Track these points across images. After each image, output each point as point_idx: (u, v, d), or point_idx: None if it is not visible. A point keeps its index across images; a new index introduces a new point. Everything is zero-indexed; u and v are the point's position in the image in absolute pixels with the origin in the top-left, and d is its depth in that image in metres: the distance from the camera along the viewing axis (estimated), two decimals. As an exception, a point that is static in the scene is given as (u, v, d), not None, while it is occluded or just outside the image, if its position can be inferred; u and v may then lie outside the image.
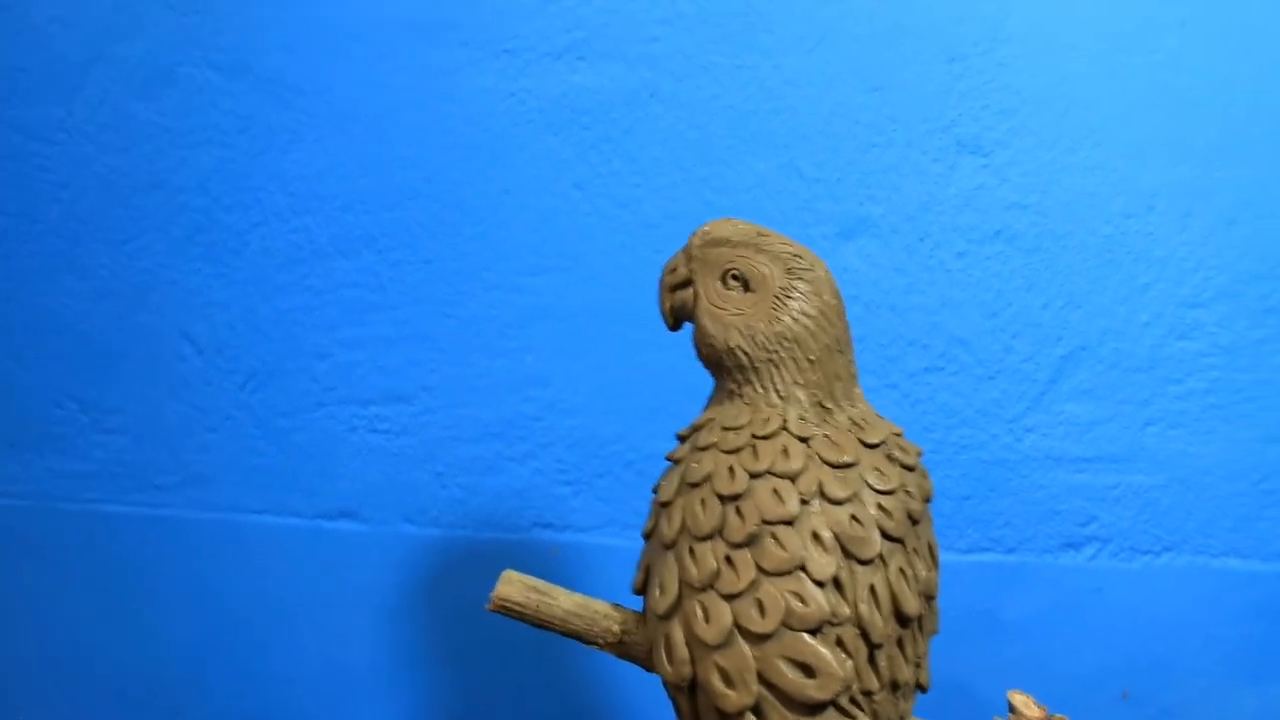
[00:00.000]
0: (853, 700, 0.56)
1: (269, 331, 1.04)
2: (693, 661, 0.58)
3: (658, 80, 1.01)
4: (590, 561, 1.04)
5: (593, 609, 0.62)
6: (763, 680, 0.55)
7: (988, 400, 1.01)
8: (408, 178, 1.03)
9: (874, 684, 0.57)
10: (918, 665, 0.60)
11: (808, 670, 0.55)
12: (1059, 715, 0.67)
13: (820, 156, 1.01)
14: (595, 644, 0.62)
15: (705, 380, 0.81)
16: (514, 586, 0.63)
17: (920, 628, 0.60)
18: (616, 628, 0.61)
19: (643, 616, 0.62)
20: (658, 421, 1.04)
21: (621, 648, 0.62)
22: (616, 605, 0.63)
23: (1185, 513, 1.01)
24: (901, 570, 0.59)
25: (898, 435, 0.63)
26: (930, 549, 0.62)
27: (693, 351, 0.73)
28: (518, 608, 0.63)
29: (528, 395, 1.05)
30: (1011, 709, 0.63)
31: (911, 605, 0.58)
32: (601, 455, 1.04)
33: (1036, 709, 0.63)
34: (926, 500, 0.62)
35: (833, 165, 1.01)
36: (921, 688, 0.61)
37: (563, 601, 0.62)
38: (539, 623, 0.63)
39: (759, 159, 1.01)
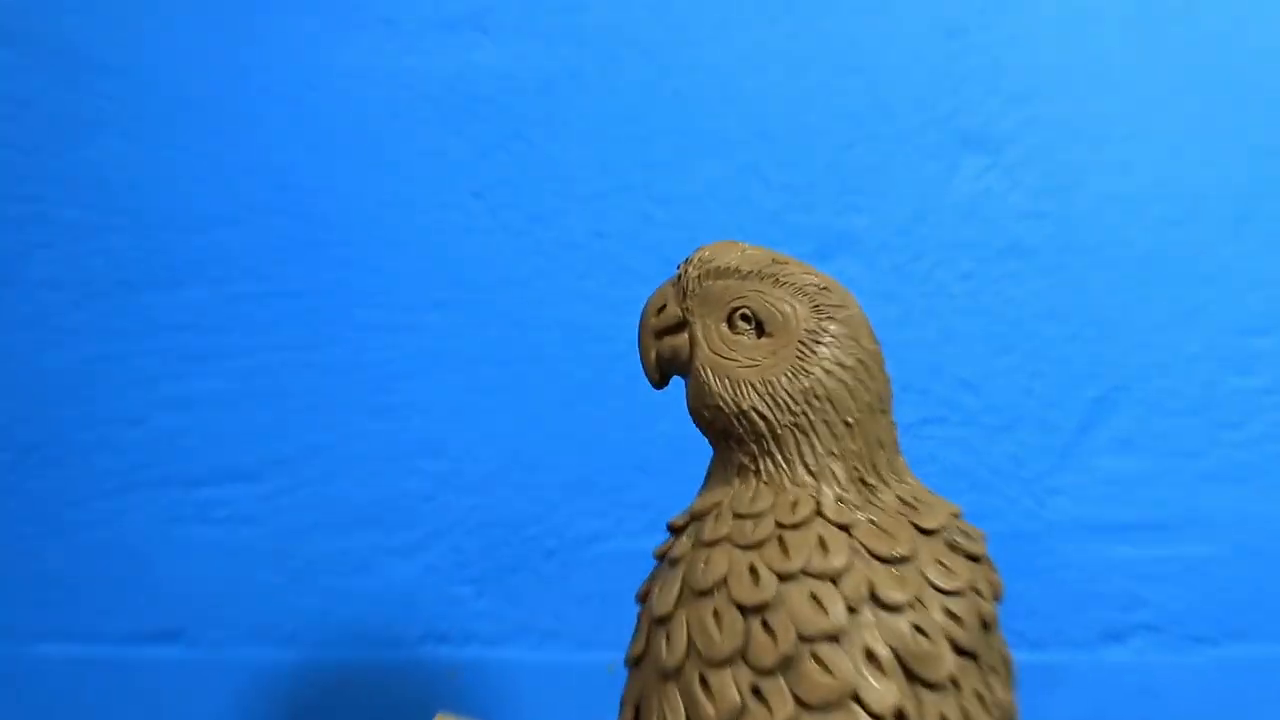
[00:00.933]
0: None
1: (53, 391, 0.88)
2: None
3: (581, 60, 0.90)
4: (501, 685, 0.89)
5: None
6: None
7: (1003, 457, 0.90)
8: (252, 184, 0.89)
9: None
10: None
11: None
12: None
13: (788, 156, 0.91)
14: None
15: (655, 447, 0.81)
16: None
17: None
18: None
19: None
20: (588, 498, 0.90)
21: None
22: None
23: (1254, 589, 0.91)
24: (978, 694, 0.50)
25: (957, 516, 0.54)
26: (1005, 663, 0.53)
27: (639, 407, 0.71)
28: None
29: (415, 467, 0.90)
30: None
31: None
32: (514, 543, 0.90)
33: None
34: (997, 599, 0.54)
35: (803, 167, 0.90)
36: None
37: None
38: None
39: (710, 160, 0.90)
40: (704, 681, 0.49)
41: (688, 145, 0.90)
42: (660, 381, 0.57)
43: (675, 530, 0.54)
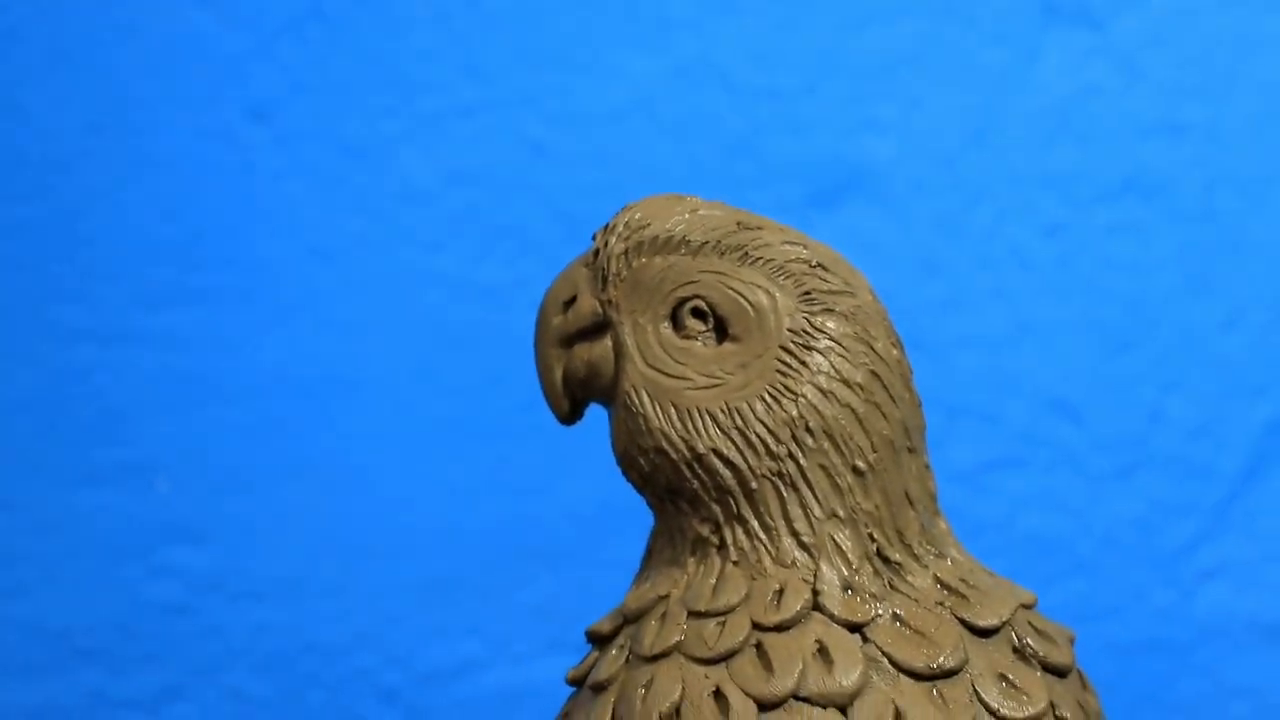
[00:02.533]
0: None
1: None
2: None
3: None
4: None
5: None
6: None
7: (1122, 522, 0.78)
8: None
9: None
10: None
11: None
12: None
13: (764, 42, 0.83)
14: None
15: (558, 517, 0.76)
16: None
17: None
18: None
19: None
20: (450, 603, 0.77)
21: None
22: None
23: None
24: None
25: (1030, 608, 0.49)
26: None
27: (532, 455, 0.72)
28: None
29: (162, 563, 0.77)
30: None
31: None
32: (329, 683, 0.76)
33: None
34: None
35: (791, 60, 0.83)
36: None
37: None
38: None
39: (645, 55, 0.83)
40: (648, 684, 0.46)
41: (609, 32, 0.83)
42: (569, 413, 0.53)
43: (600, 640, 0.50)
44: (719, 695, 0.45)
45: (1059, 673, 0.48)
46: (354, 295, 0.79)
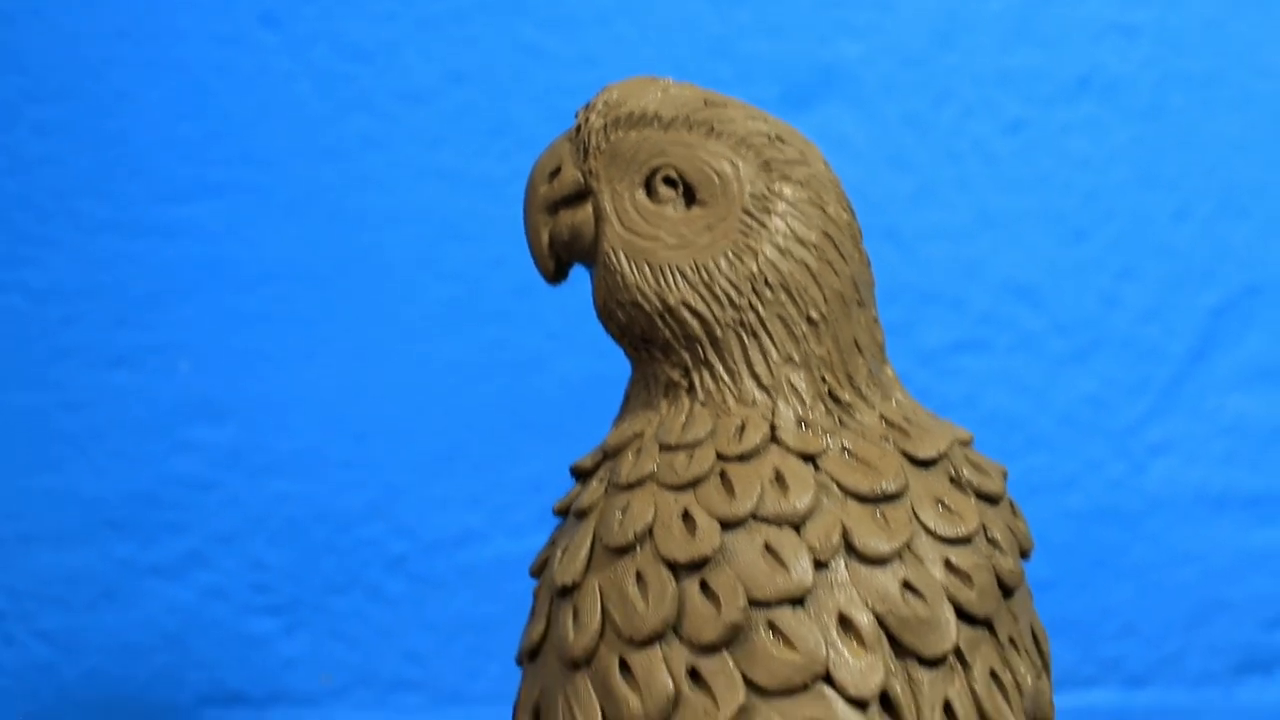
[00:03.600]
0: None
1: None
2: None
3: None
4: None
5: None
6: None
7: (1078, 400, 0.82)
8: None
9: None
10: None
11: None
12: None
13: None
14: None
15: (553, 396, 0.79)
16: None
17: None
18: None
19: None
20: (452, 478, 0.80)
21: None
22: None
23: None
24: (994, 675, 0.48)
25: (966, 444, 0.53)
26: (1036, 638, 0.52)
27: (527, 337, 0.74)
28: None
29: (185, 439, 0.79)
30: None
31: None
32: (340, 551, 0.79)
33: None
34: (1024, 555, 0.53)
35: None
36: None
37: None
38: None
39: None
40: (625, 667, 0.48)
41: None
42: (555, 274, 0.57)
43: (582, 474, 0.53)
44: (687, 516, 0.49)
45: (991, 499, 0.52)
46: (359, 188, 0.81)
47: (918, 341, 0.83)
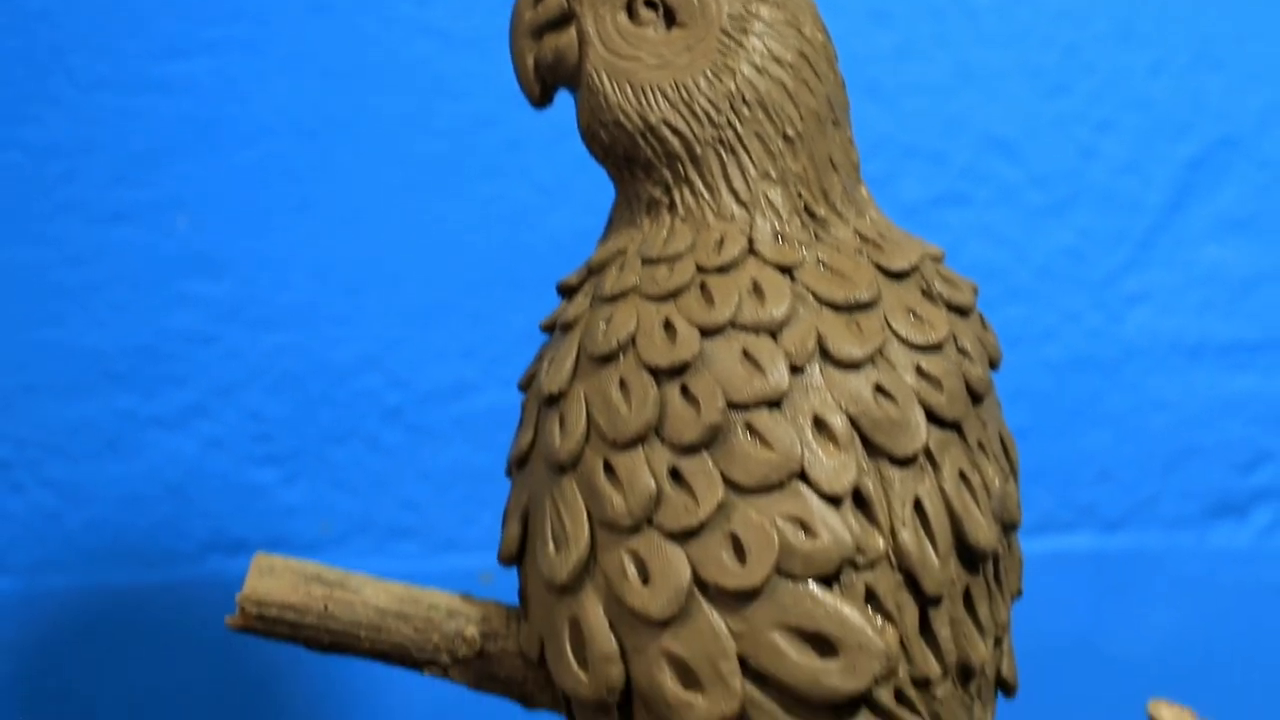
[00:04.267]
0: (899, 695, 0.48)
1: None
2: (624, 655, 0.49)
3: None
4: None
5: (426, 603, 0.54)
6: (749, 669, 0.47)
7: (1056, 251, 0.82)
8: None
9: (932, 666, 0.49)
10: (997, 642, 0.52)
11: (823, 645, 0.47)
12: None
13: None
14: (436, 665, 0.54)
15: (550, 241, 0.78)
16: (278, 579, 0.53)
17: (998, 577, 0.52)
18: (472, 630, 0.53)
19: (516, 609, 0.54)
20: (447, 328, 0.80)
21: (482, 665, 0.53)
22: (466, 596, 0.55)
23: None
24: (963, 475, 0.50)
25: (937, 260, 0.55)
26: (1005, 445, 0.54)
27: (524, 181, 0.74)
28: (291, 615, 0.52)
29: (184, 293, 0.79)
30: None
31: (983, 531, 0.50)
32: (338, 402, 0.80)
33: None
34: (993, 365, 0.55)
35: None
36: (1005, 685, 0.53)
37: (371, 595, 0.53)
38: (330, 640, 0.53)
39: None
40: (609, 468, 0.50)
41: None
42: (541, 97, 0.57)
43: (568, 290, 0.55)
44: (668, 325, 0.51)
45: (961, 311, 0.53)
46: (352, 46, 0.80)
47: (899, 196, 0.80)
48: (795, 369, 0.50)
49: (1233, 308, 0.82)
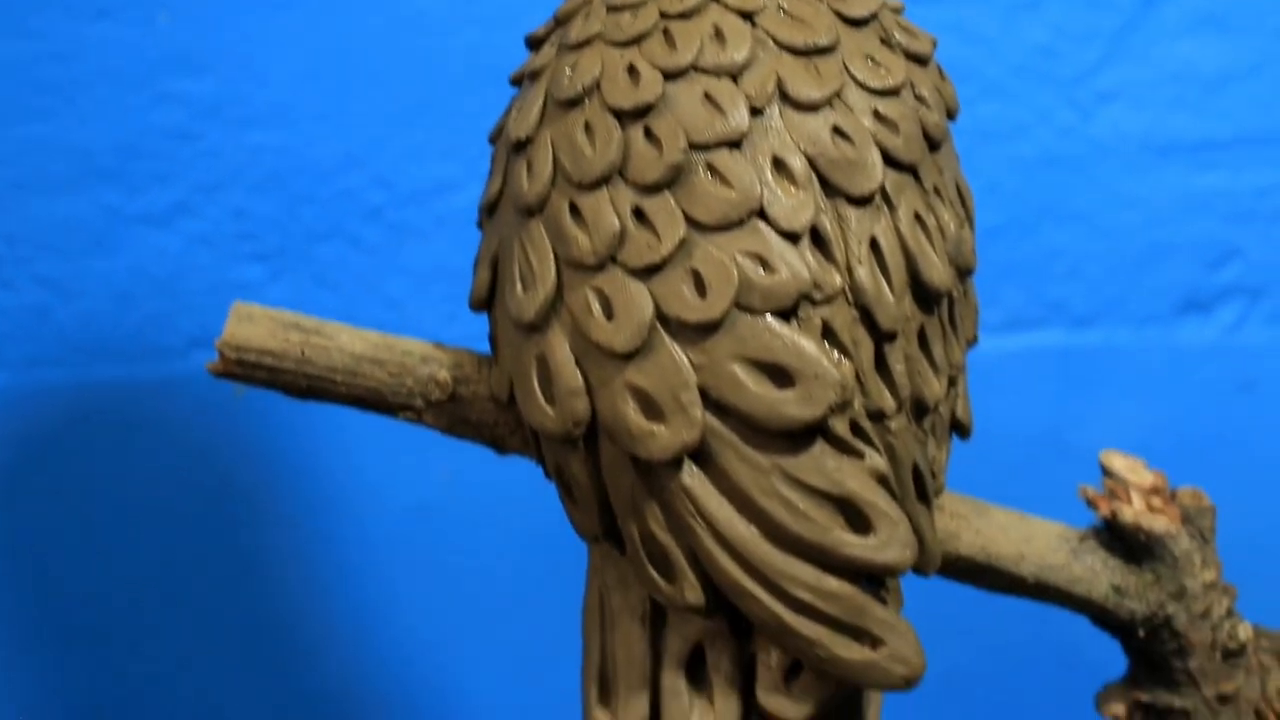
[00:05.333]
0: (854, 426, 0.49)
1: None
2: (589, 390, 0.50)
3: None
4: (317, 406, 0.71)
5: (400, 349, 0.55)
6: (709, 400, 0.49)
7: (1027, 49, 0.80)
8: None
9: (887, 400, 0.50)
10: (951, 383, 0.53)
11: (780, 376, 0.49)
12: (1188, 488, 0.57)
13: None
14: (409, 410, 0.56)
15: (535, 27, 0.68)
16: (257, 325, 0.55)
17: (952, 319, 0.53)
18: (445, 375, 0.55)
19: (487, 356, 0.56)
20: (429, 126, 0.78)
21: (455, 409, 0.55)
22: (438, 344, 0.56)
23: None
24: (918, 217, 0.51)
25: (896, 11, 0.55)
26: (961, 194, 0.54)
27: None
28: (270, 360, 0.54)
29: (167, 90, 0.76)
30: (1108, 474, 0.55)
31: (938, 271, 0.51)
32: (321, 200, 0.79)
33: (1148, 474, 0.55)
34: (950, 115, 0.55)
35: None
36: (960, 426, 0.54)
37: (347, 342, 0.55)
38: (307, 385, 0.55)
39: None
40: (574, 209, 0.50)
41: None
42: None
43: (535, 43, 0.55)
44: (631, 69, 0.51)
45: (919, 60, 0.54)
46: None
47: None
48: (755, 111, 0.50)
49: (1203, 105, 0.81)
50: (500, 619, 0.78)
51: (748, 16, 0.51)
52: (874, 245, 0.50)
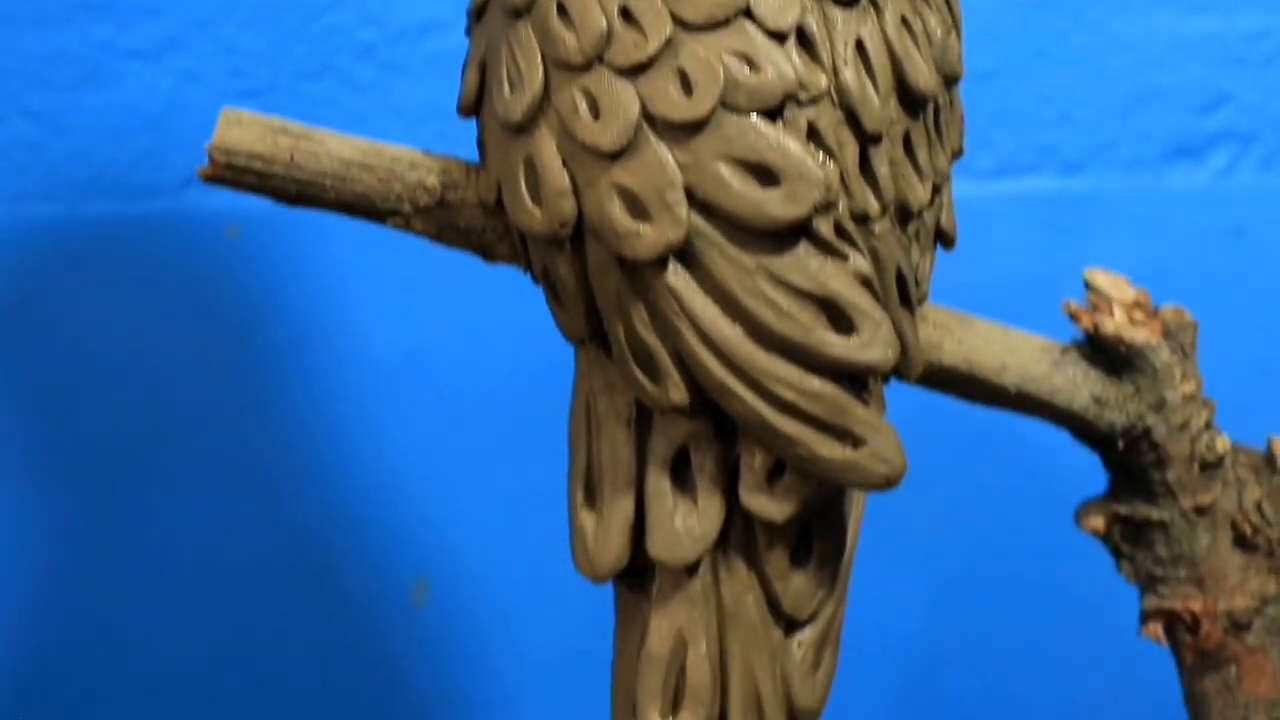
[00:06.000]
0: (838, 228, 0.49)
1: None
2: (576, 189, 0.50)
3: None
4: (310, 244, 0.77)
5: (389, 155, 0.55)
6: (695, 199, 0.49)
7: None
8: None
9: (871, 203, 0.50)
10: (936, 191, 0.52)
11: (765, 175, 0.48)
12: (1171, 305, 0.56)
13: None
14: (398, 215, 0.56)
15: None
16: (246, 129, 0.54)
17: (938, 126, 0.52)
18: (433, 180, 0.55)
19: (475, 164, 0.55)
20: None
21: (444, 214, 0.55)
22: (426, 151, 0.56)
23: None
24: (904, 21, 0.51)
25: None
26: (949, 1, 0.53)
27: None
28: (259, 165, 0.54)
29: None
30: (1091, 289, 0.56)
31: (923, 75, 0.51)
32: (311, 37, 0.78)
33: (1130, 290, 0.55)
34: None
35: None
36: (945, 235, 0.53)
37: (336, 147, 0.55)
38: (297, 190, 0.54)
39: None
40: (561, 9, 0.49)
41: None
42: None
43: None
44: None
45: None
46: None
47: None
48: None
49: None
50: (490, 453, 0.79)
51: None
52: (860, 47, 0.49)
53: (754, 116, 0.48)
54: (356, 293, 0.77)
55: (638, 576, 0.50)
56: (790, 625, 0.49)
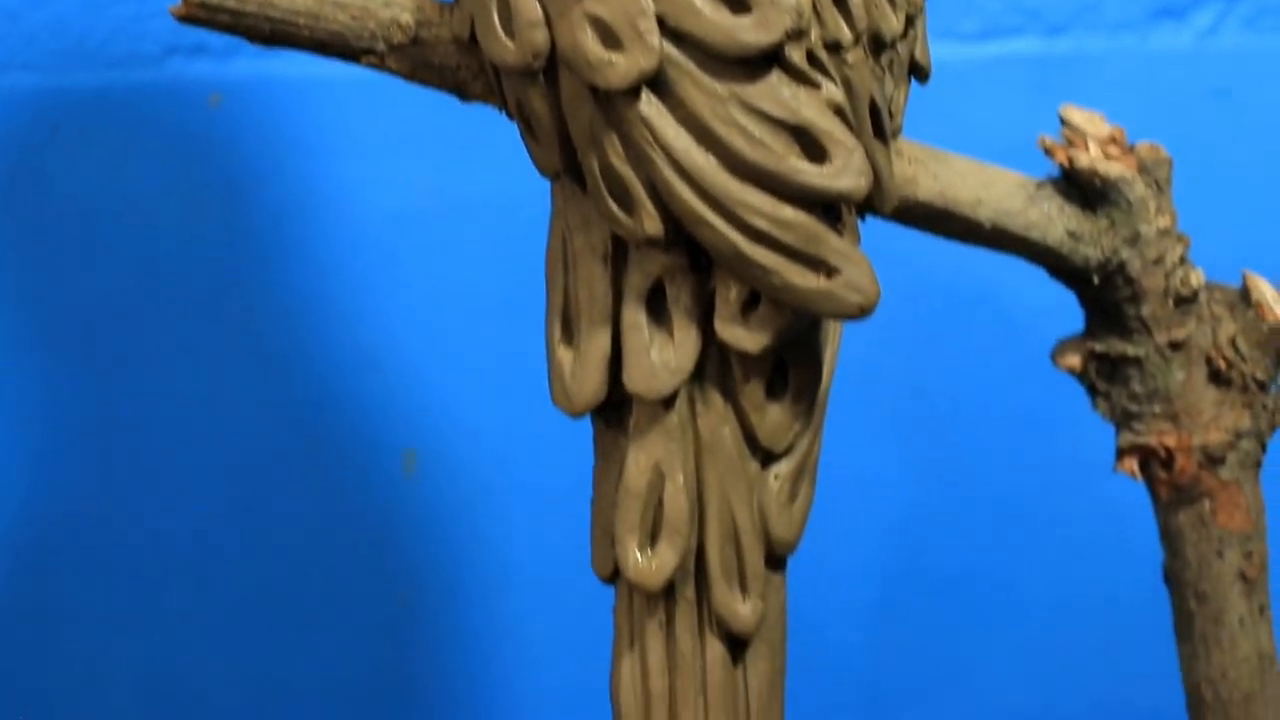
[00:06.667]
0: (810, 56, 0.48)
1: None
2: (548, 20, 0.48)
3: None
4: (293, 112, 0.76)
5: None
6: (666, 28, 0.47)
7: None
8: None
9: (843, 31, 0.48)
10: (910, 22, 0.51)
11: (736, 2, 0.47)
12: (1146, 142, 0.55)
13: None
14: (372, 54, 0.55)
15: None
16: None
17: None
18: (407, 17, 0.53)
19: (448, 2, 0.54)
20: None
21: (418, 52, 0.54)
22: None
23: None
24: None
25: None
26: None
27: None
28: (232, 3, 0.52)
29: None
30: (1066, 125, 0.55)
31: None
32: None
33: (1106, 126, 0.55)
34: None
35: None
36: (919, 69, 0.52)
37: None
38: (271, 29, 0.53)
39: None
40: None
41: None
42: None
43: None
44: None
45: None
46: None
47: None
48: None
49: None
50: (480, 322, 0.79)
51: None
52: None
53: None
54: (341, 161, 0.76)
55: (615, 411, 0.50)
56: (767, 458, 0.49)
